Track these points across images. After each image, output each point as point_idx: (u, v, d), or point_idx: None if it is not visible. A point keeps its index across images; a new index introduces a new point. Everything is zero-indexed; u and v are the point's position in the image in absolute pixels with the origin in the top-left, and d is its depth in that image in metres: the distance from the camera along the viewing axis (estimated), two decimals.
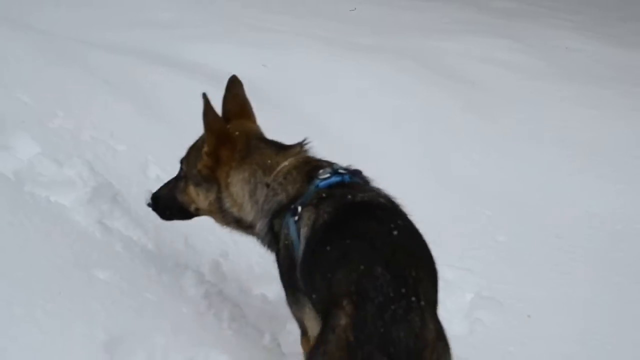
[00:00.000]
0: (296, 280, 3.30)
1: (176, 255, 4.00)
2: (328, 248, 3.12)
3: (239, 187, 3.48)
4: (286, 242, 3.34)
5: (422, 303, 2.90)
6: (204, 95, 3.38)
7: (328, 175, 3.37)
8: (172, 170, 3.83)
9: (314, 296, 3.17)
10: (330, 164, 3.46)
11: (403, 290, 2.88)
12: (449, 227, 5.20)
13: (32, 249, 3.14)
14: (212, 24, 8.15)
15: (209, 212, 3.60)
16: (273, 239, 3.46)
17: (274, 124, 3.68)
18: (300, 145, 3.53)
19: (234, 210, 3.52)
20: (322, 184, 3.35)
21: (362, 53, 7.95)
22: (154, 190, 3.73)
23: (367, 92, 6.94)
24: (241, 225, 3.56)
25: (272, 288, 4.11)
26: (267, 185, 3.43)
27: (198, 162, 3.50)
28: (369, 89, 7.03)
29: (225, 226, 3.63)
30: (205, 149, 3.45)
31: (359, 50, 8.09)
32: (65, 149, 4.28)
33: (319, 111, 6.13)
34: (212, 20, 8.35)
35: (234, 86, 3.66)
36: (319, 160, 3.50)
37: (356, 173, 3.45)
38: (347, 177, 3.39)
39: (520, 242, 5.47)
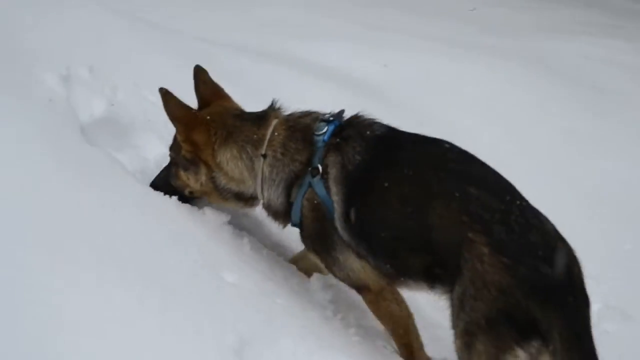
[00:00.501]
0: (335, 238, 3.40)
1: None
2: (391, 185, 3.26)
3: (232, 165, 3.59)
4: (315, 202, 3.42)
5: (524, 203, 3.10)
6: (161, 89, 3.53)
7: (325, 129, 3.49)
8: None
9: (387, 238, 3.28)
10: (314, 118, 3.58)
11: (507, 198, 3.07)
12: (572, 233, 4.97)
13: (162, 250, 3.12)
14: (328, 23, 8.07)
15: (203, 193, 3.73)
16: (286, 210, 3.55)
17: (398, 125, 3.59)
18: (273, 109, 3.65)
19: (232, 186, 3.64)
20: (326, 137, 3.47)
21: (484, 54, 7.72)
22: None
23: (489, 94, 6.73)
24: (241, 198, 3.68)
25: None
26: (264, 156, 3.53)
27: (180, 149, 3.65)
28: (492, 90, 6.82)
29: (223, 203, 3.74)
30: (179, 137, 3.61)
31: (480, 51, 7.87)
32: None
33: (443, 113, 5.95)
34: (328, 19, 8.27)
35: (200, 74, 3.80)
36: (301, 118, 3.61)
37: (339, 115, 3.56)
38: (336, 122, 3.50)
39: None
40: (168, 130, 3.73)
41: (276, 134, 3.55)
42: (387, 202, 3.27)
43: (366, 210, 3.32)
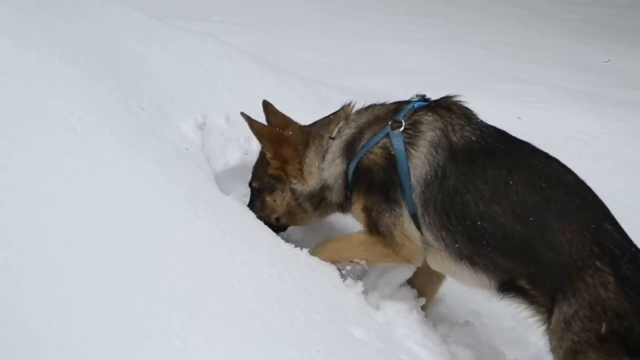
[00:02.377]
0: (394, 192, 3.47)
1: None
2: (515, 185, 3.31)
3: (310, 163, 3.75)
4: (390, 152, 3.48)
5: None
6: (243, 114, 3.74)
7: (420, 98, 3.61)
8: None
9: (482, 228, 3.30)
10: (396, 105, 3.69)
11: (635, 246, 3.27)
12: None
13: (290, 302, 3.10)
14: (465, 73, 7.98)
15: (288, 214, 3.84)
16: (344, 182, 3.66)
17: None
18: (344, 106, 3.78)
19: (303, 187, 3.76)
20: (417, 104, 3.56)
21: (619, 108, 7.46)
22: None
23: (627, 153, 6.44)
24: (315, 199, 3.76)
25: (527, 354, 3.96)
26: (333, 139, 3.68)
27: (266, 170, 3.80)
28: (622, 145, 6.57)
29: (303, 218, 3.86)
30: (268, 155, 3.70)
31: (616, 105, 7.62)
32: None
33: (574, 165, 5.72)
34: (464, 69, 8.18)
35: (269, 107, 3.95)
36: (382, 106, 3.74)
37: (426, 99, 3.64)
38: (425, 101, 3.61)
39: None
40: None
41: (349, 119, 3.71)
42: (502, 197, 3.32)
43: (467, 190, 3.36)
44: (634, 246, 3.26)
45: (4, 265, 2.64)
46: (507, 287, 3.38)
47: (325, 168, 3.70)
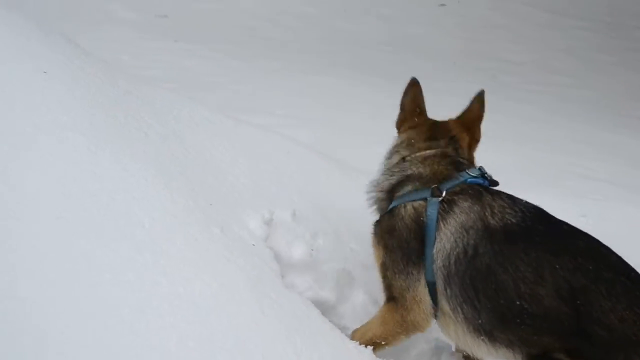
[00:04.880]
0: (413, 255, 3.53)
1: None
2: (557, 269, 3.29)
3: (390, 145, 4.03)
4: (421, 218, 3.52)
5: None
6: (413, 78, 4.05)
7: (477, 174, 3.66)
8: None
9: (514, 308, 3.31)
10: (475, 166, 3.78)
11: None
12: None
13: None
14: (529, 170, 7.91)
15: None
16: (386, 202, 3.76)
17: None
18: (450, 138, 3.88)
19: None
20: (471, 180, 3.61)
21: None
22: None
23: None
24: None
25: None
26: (403, 159, 3.83)
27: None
28: None
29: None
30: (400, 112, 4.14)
31: None
32: None
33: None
34: (528, 167, 8.11)
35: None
36: (463, 159, 3.80)
37: (492, 181, 3.73)
38: (486, 182, 3.68)
39: None
40: (368, 278, 3.70)
41: (430, 153, 3.84)
42: (547, 280, 3.31)
43: (505, 270, 3.37)
44: None
45: None
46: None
47: (380, 179, 3.94)
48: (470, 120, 4.02)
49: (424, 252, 3.49)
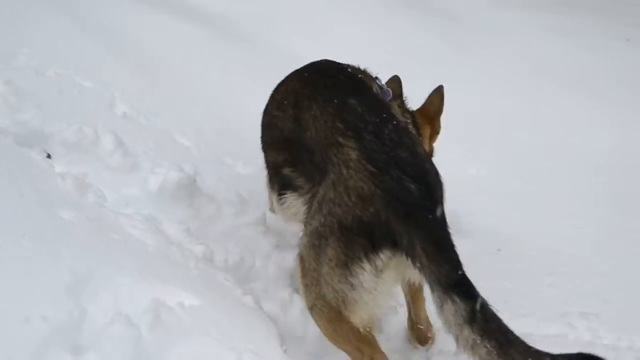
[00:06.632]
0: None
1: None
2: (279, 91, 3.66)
3: None
4: None
5: (401, 125, 3.21)
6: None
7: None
8: (138, 106, 4.85)
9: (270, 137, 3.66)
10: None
11: (384, 116, 3.11)
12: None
13: None
14: None
15: None
16: None
17: None
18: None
19: None
20: None
21: None
22: None
23: None
24: None
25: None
26: None
27: None
28: None
29: None
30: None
31: None
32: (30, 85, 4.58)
33: None
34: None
35: (438, 92, 4.26)
36: None
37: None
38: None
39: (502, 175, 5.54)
40: (6, 68, 4.32)
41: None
42: (275, 105, 3.67)
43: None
44: (382, 117, 3.09)
45: None
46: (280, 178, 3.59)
47: None
48: (432, 112, 4.17)
49: None
